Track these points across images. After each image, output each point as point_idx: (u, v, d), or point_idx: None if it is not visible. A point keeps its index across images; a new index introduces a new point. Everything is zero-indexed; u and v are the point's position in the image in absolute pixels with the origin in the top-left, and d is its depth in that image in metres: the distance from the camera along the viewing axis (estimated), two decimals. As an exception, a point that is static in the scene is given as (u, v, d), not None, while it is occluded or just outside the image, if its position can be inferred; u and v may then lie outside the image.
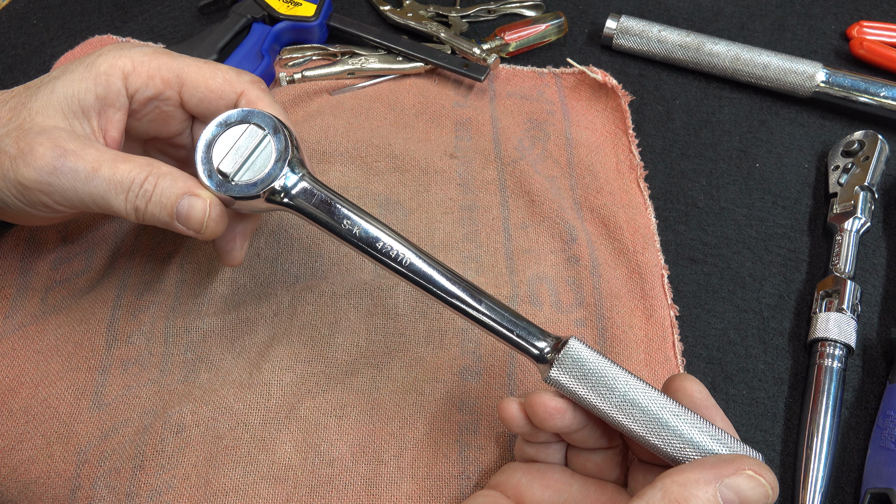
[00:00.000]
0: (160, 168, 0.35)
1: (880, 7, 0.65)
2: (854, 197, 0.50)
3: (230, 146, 0.35)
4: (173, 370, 0.41)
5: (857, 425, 0.43)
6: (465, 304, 0.34)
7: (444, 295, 0.35)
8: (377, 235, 0.35)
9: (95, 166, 0.34)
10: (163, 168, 0.36)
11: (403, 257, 0.35)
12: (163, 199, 0.35)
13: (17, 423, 0.39)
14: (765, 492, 0.28)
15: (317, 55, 0.57)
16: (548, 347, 0.33)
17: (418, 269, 0.35)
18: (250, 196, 0.35)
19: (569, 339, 0.33)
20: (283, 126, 0.36)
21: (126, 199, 0.35)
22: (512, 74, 0.57)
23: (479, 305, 0.34)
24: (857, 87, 0.55)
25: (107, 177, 0.34)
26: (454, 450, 0.39)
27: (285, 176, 0.35)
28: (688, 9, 0.64)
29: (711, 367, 0.45)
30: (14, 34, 0.58)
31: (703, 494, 0.28)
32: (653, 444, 0.31)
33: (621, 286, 0.46)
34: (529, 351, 0.34)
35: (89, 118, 0.36)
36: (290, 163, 0.35)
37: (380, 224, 0.36)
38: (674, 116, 0.57)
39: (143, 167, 0.35)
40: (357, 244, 0.36)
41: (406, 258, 0.35)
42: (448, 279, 0.35)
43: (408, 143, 0.51)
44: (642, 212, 0.50)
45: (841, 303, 0.45)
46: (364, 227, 0.35)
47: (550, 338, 0.34)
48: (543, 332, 0.34)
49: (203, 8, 0.60)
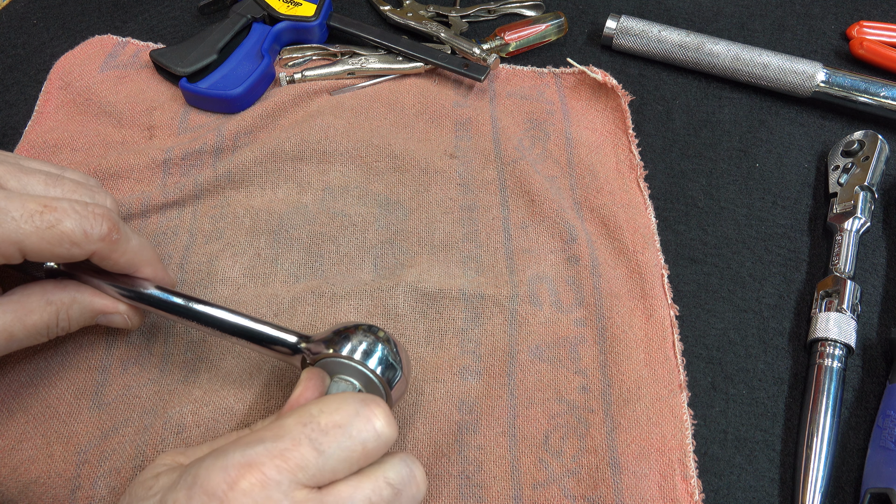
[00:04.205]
0: (62, 299, 0.36)
1: (880, 7, 0.65)
2: (854, 197, 0.50)
3: None
4: (173, 370, 0.41)
5: (857, 425, 0.43)
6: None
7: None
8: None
9: (7, 335, 0.34)
10: (64, 298, 0.36)
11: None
12: (82, 323, 0.37)
13: (17, 423, 0.39)
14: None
15: (317, 55, 0.57)
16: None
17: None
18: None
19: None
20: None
21: (48, 337, 0.36)
22: (512, 74, 0.57)
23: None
24: (857, 87, 0.55)
25: (23, 336, 0.35)
26: (454, 450, 0.39)
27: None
28: (688, 9, 0.64)
29: (711, 367, 0.45)
30: (14, 34, 0.58)
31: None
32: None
33: (621, 286, 0.46)
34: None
35: None
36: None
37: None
38: (674, 116, 0.57)
39: (46, 309, 0.35)
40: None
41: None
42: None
43: (408, 143, 0.51)
44: (642, 212, 0.50)
45: (841, 303, 0.45)
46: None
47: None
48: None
49: (203, 8, 0.60)
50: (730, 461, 0.41)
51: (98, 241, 0.34)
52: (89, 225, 0.33)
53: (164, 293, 0.38)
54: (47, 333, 0.36)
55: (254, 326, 0.37)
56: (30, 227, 0.32)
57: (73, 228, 0.33)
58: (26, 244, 0.32)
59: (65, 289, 0.36)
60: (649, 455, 0.40)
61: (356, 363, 0.34)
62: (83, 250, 0.34)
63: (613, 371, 0.42)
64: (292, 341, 0.36)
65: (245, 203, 0.48)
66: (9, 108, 0.54)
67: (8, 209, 0.32)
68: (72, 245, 0.33)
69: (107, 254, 0.35)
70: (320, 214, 0.48)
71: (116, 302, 0.38)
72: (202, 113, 0.53)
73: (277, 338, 0.37)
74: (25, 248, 0.32)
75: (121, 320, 0.38)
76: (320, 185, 0.49)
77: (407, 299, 0.44)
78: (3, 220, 0.31)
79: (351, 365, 0.35)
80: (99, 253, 0.34)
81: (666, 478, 0.39)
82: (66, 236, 0.32)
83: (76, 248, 0.33)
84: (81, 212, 0.33)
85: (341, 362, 0.35)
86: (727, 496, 0.40)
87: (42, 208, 0.32)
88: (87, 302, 0.36)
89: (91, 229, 0.33)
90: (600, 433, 0.40)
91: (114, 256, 0.35)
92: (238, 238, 0.46)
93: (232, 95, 0.51)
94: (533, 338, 0.43)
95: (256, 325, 0.37)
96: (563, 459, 0.39)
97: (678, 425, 0.41)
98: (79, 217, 0.33)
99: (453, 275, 0.46)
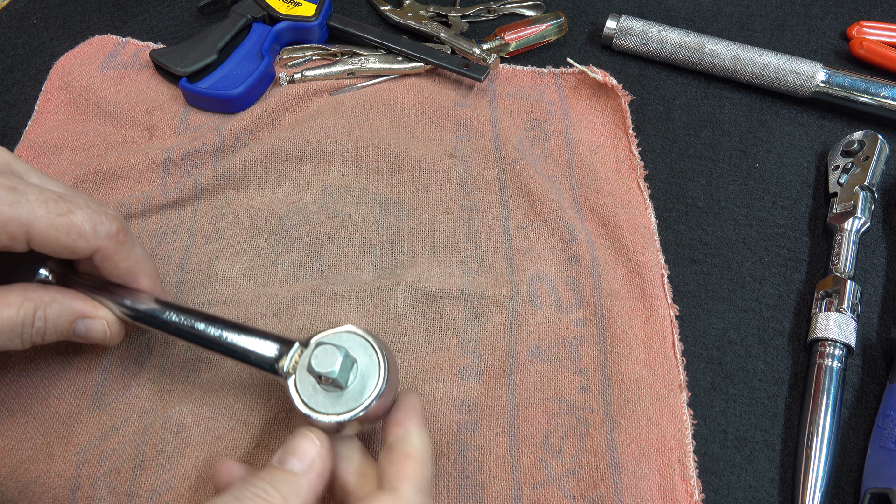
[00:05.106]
0: (41, 297, 0.34)
1: (880, 7, 0.65)
2: (854, 197, 0.50)
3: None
4: (173, 370, 0.41)
5: (857, 425, 0.43)
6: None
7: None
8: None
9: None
10: (44, 296, 0.35)
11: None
12: (57, 329, 0.35)
13: (17, 423, 0.39)
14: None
15: (317, 55, 0.57)
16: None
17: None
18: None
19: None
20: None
21: (22, 341, 0.34)
22: (512, 74, 0.57)
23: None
24: (857, 87, 0.55)
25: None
26: (454, 449, 0.39)
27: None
28: (688, 9, 0.64)
29: (711, 367, 0.45)
30: (14, 34, 0.58)
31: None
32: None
33: (621, 286, 0.46)
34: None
35: None
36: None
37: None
38: (674, 116, 0.57)
39: (24, 305, 0.34)
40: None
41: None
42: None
43: (408, 143, 0.51)
44: (642, 212, 0.50)
45: (841, 303, 0.45)
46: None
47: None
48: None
49: (203, 8, 0.60)
50: (730, 461, 0.41)
51: (105, 238, 0.34)
52: (99, 220, 0.34)
53: (161, 306, 0.37)
54: (21, 335, 0.34)
55: (235, 343, 0.36)
56: (42, 211, 0.32)
57: (83, 220, 0.33)
58: (35, 228, 0.32)
59: (46, 289, 0.35)
60: (649, 455, 0.40)
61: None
62: (88, 244, 0.33)
63: (613, 371, 0.42)
64: (271, 357, 0.35)
65: (245, 203, 0.48)
66: (9, 108, 0.54)
67: (25, 192, 0.32)
68: (79, 237, 0.33)
69: (110, 254, 0.35)
70: (320, 214, 0.48)
71: (97, 306, 0.36)
72: (202, 113, 0.53)
73: (259, 358, 0.36)
74: (33, 233, 0.32)
75: (100, 327, 0.36)
76: (320, 185, 0.49)
77: (407, 299, 0.44)
78: (18, 200, 0.32)
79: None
80: (103, 251, 0.34)
81: (666, 478, 0.39)
82: (74, 226, 0.33)
83: (82, 240, 0.33)
84: (94, 208, 0.34)
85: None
86: (727, 496, 0.40)
87: (57, 198, 0.33)
88: (68, 303, 0.35)
89: (100, 225, 0.34)
90: (600, 433, 0.40)
91: (116, 259, 0.35)
92: (238, 238, 0.46)
93: (232, 95, 0.51)
94: (533, 338, 0.43)
95: (239, 339, 0.36)
96: (563, 459, 0.39)
97: (678, 425, 0.41)
98: (91, 212, 0.34)
99: (453, 275, 0.46)
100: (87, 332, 0.36)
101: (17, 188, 0.32)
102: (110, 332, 0.37)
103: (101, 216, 0.34)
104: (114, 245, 0.35)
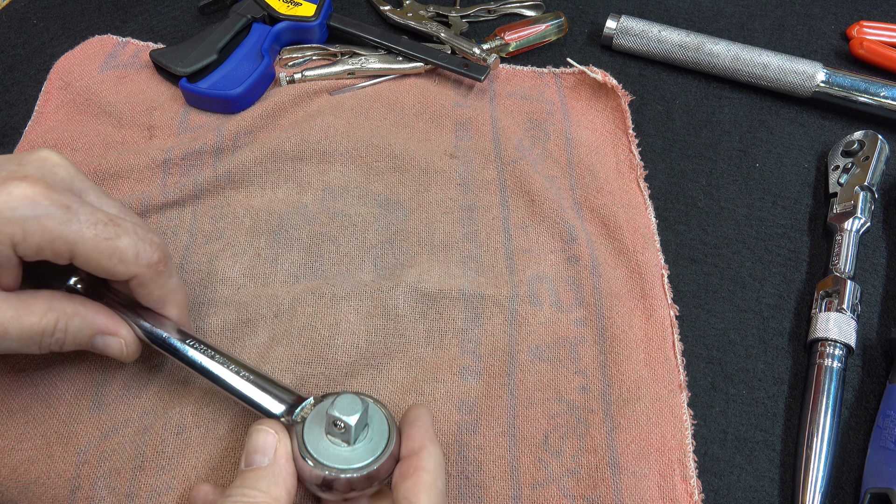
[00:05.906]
0: (65, 309, 0.35)
1: (880, 7, 0.65)
2: (854, 197, 0.50)
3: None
4: (173, 370, 0.41)
5: (857, 425, 0.43)
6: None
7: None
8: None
9: (2, 330, 0.34)
10: (67, 308, 0.35)
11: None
12: (76, 341, 0.36)
13: (17, 423, 0.39)
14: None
15: (317, 55, 0.57)
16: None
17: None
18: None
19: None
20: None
21: (40, 348, 0.35)
22: (512, 74, 0.57)
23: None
24: (857, 87, 0.55)
25: (16, 336, 0.34)
26: (454, 450, 0.39)
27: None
28: (688, 9, 0.64)
29: (711, 367, 0.45)
30: (14, 34, 0.58)
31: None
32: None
33: (621, 286, 0.46)
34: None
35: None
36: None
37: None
38: (674, 116, 0.57)
39: (48, 315, 0.34)
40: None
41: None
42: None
43: (408, 143, 0.51)
44: (642, 212, 0.50)
45: (841, 303, 0.45)
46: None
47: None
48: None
49: (203, 8, 0.60)
50: (730, 461, 0.41)
51: (144, 267, 0.35)
52: (143, 248, 0.35)
53: (181, 337, 0.37)
54: (40, 342, 0.35)
55: (243, 391, 0.36)
56: (90, 233, 0.33)
57: (127, 246, 0.34)
58: (80, 248, 0.33)
59: (71, 301, 0.36)
60: (649, 455, 0.40)
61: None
62: (128, 270, 0.34)
63: (613, 371, 0.42)
64: (278, 412, 0.35)
65: (245, 203, 0.48)
66: (9, 108, 0.54)
67: (78, 212, 0.33)
68: (120, 262, 0.34)
69: (146, 281, 0.35)
70: (320, 214, 0.48)
71: (119, 324, 0.37)
72: (202, 113, 0.53)
73: (266, 410, 0.36)
74: (77, 252, 0.33)
75: (117, 345, 0.37)
76: (320, 185, 0.49)
77: (407, 299, 0.44)
78: (70, 220, 0.32)
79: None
80: (140, 278, 0.35)
81: (666, 478, 0.39)
82: (118, 251, 0.34)
83: (122, 265, 0.34)
84: (141, 235, 0.35)
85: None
86: (727, 496, 0.40)
87: (108, 221, 0.34)
88: (90, 317, 0.36)
89: (143, 253, 0.35)
90: (600, 433, 0.40)
91: (151, 286, 0.36)
92: (238, 238, 0.46)
93: (232, 95, 0.51)
94: (533, 338, 0.43)
95: (248, 388, 0.36)
96: (563, 459, 0.39)
97: (678, 425, 0.41)
98: (137, 238, 0.34)
99: (453, 275, 0.46)
100: (104, 348, 0.37)
101: (71, 207, 0.33)
102: (127, 350, 0.37)
103: (146, 244, 0.35)
104: (151, 273, 0.35)
